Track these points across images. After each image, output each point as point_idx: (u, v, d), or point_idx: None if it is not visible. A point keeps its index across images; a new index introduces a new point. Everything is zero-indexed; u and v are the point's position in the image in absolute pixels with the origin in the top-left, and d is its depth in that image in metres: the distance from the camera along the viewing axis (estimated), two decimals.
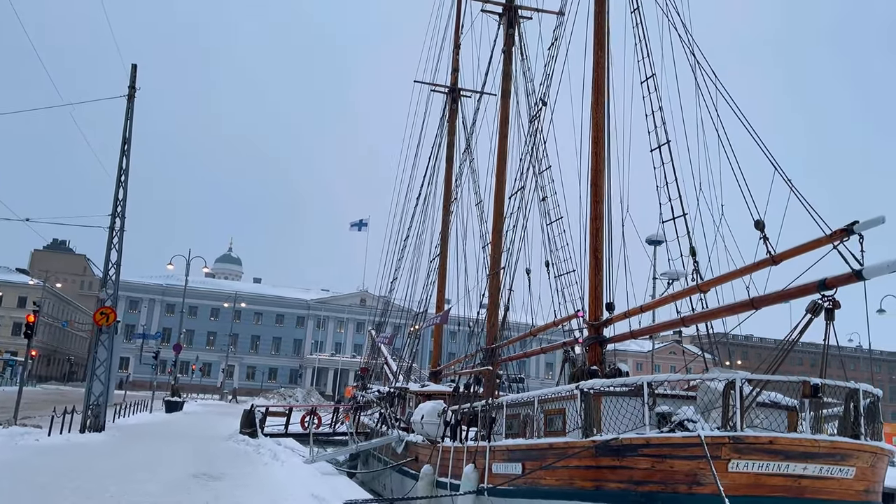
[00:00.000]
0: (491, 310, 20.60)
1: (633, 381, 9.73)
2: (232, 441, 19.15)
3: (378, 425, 20.53)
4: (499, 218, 21.63)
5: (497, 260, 21.17)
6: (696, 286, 11.34)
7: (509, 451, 11.52)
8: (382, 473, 18.66)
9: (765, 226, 9.99)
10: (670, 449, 8.85)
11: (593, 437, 9.73)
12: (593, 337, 14.19)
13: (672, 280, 15.20)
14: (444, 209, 28.35)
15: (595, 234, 14.70)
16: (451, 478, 13.58)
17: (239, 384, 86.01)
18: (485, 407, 13.04)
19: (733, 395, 9.07)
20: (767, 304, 9.62)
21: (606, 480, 9.42)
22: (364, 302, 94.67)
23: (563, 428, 11.26)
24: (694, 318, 11.51)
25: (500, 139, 21.98)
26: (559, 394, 10.90)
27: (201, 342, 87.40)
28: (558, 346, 16.19)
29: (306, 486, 10.70)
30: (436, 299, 26.25)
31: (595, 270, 14.59)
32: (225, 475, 11.79)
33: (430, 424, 15.34)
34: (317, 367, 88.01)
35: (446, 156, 28.76)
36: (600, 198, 14.92)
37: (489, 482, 11.98)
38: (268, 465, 13.75)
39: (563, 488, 10.03)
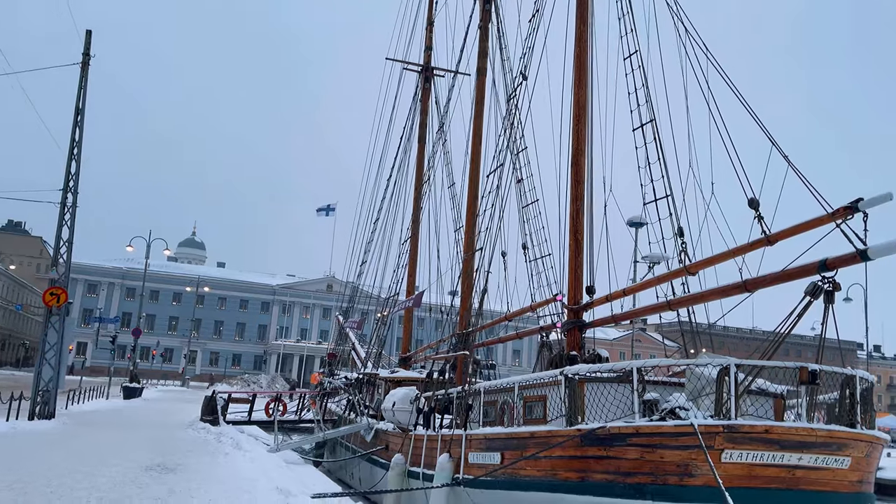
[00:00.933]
0: (464, 293, 20.02)
1: (621, 367, 9.18)
2: (192, 429, 18.21)
3: (346, 413, 19.81)
4: (474, 200, 21.01)
5: (471, 242, 20.56)
6: (683, 268, 10.82)
7: (487, 440, 10.92)
8: (350, 462, 17.97)
9: (759, 205, 9.50)
10: (661, 438, 8.34)
11: (578, 426, 9.19)
12: (572, 321, 13.67)
13: (654, 263, 14.71)
14: (416, 191, 27.59)
15: (575, 214, 14.16)
16: (423, 468, 12.96)
17: (202, 370, 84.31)
18: (461, 393, 12.42)
19: (727, 381, 8.63)
20: (762, 286, 9.14)
21: (592, 471, 8.88)
22: (331, 288, 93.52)
23: (543, 416, 10.72)
24: (681, 302, 11.02)
25: (476, 118, 21.28)
26: (541, 380, 10.31)
27: (163, 327, 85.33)
28: (535, 330, 15.66)
29: (270, 478, 9.94)
30: (406, 284, 25.56)
31: (575, 252, 14.06)
32: (181, 466, 10.93)
33: (401, 412, 14.68)
34: (282, 353, 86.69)
35: (418, 136, 27.97)
36: (581, 178, 14.38)
37: (465, 472, 11.39)
38: (229, 454, 12.91)
39: (546, 479, 9.48)
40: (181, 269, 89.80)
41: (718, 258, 10.12)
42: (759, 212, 9.43)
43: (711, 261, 10.27)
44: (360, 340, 31.50)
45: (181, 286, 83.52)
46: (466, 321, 19.27)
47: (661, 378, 10.51)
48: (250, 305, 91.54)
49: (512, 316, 16.63)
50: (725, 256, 9.92)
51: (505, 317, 16.98)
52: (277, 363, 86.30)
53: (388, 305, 22.94)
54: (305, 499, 8.43)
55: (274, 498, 8.35)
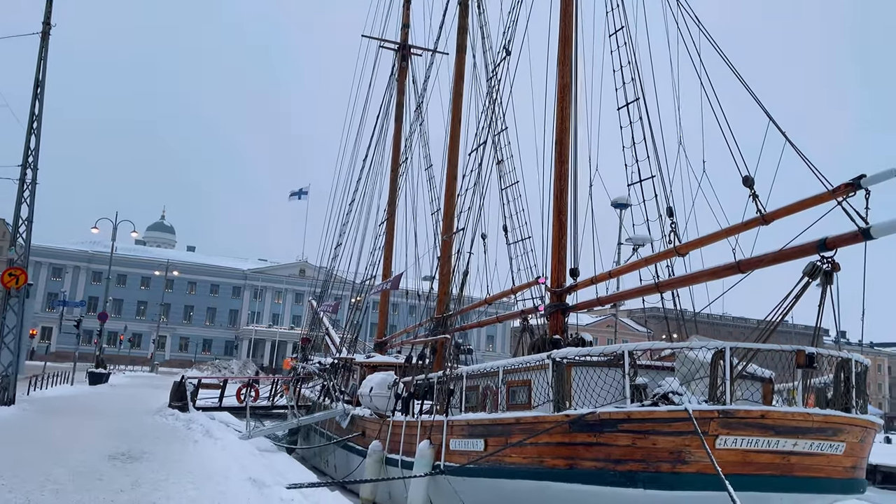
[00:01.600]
0: (443, 276, 19.60)
1: (612, 350, 8.82)
2: (159, 416, 17.50)
3: (321, 398, 19.30)
4: (452, 181, 20.54)
5: (450, 225, 20.11)
6: (673, 249, 10.50)
7: (470, 426, 10.53)
8: (325, 449, 17.51)
9: (754, 182, 9.18)
10: (653, 424, 8.02)
11: (567, 412, 8.83)
12: (556, 304, 13.33)
13: (638, 246, 14.43)
14: (392, 173, 27.02)
15: (559, 195, 13.78)
16: (402, 455, 12.54)
17: (171, 356, 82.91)
18: (442, 378, 12.00)
19: (721, 365, 8.33)
20: (756, 266, 8.84)
21: (581, 458, 8.54)
22: (303, 273, 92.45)
23: (528, 401, 10.35)
24: (671, 284, 10.70)
25: (455, 97, 20.76)
26: (527, 364, 9.93)
27: (131, 312, 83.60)
28: (516, 314, 15.32)
29: (243, 467, 9.40)
30: (382, 267, 25.05)
31: (558, 234, 13.69)
32: (148, 455, 10.32)
33: (379, 397, 14.24)
34: (253, 338, 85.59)
35: (395, 116, 27.34)
36: (565, 157, 14.00)
37: (447, 460, 11.00)
38: (199, 442, 12.32)
39: (532, 467, 9.12)
40: (150, 253, 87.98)
41: (710, 238, 9.80)
42: (754, 190, 9.12)
43: (703, 241, 9.95)
44: (333, 325, 30.95)
45: (150, 270, 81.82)
46: (445, 305, 18.89)
47: (650, 362, 10.21)
48: (221, 290, 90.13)
49: (493, 299, 16.24)
50: (718, 236, 9.60)
51: (485, 300, 16.58)
52: (249, 349, 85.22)
53: (365, 289, 22.40)
54: (280, 489, 7.95)
55: (247, 489, 7.85)
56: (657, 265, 11.76)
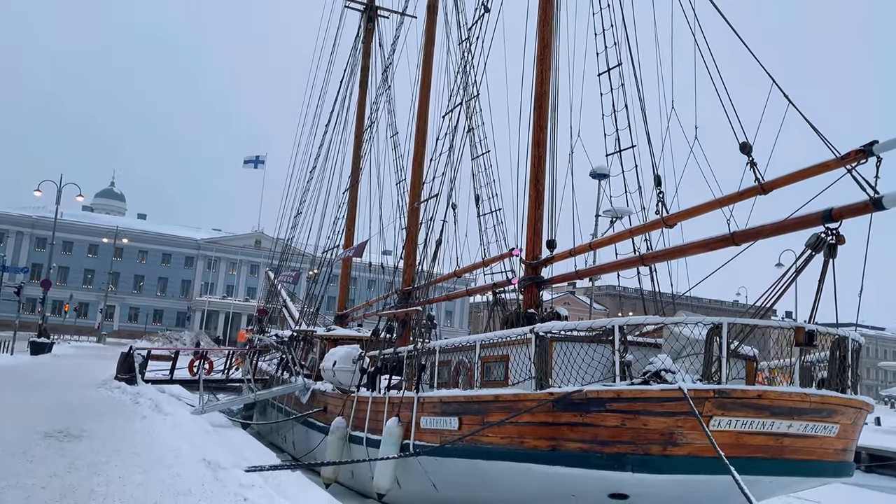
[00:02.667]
0: (409, 247, 18.84)
1: (601, 325, 8.24)
2: (105, 389, 16.35)
3: (279, 372, 18.44)
4: (421, 147, 19.69)
5: (418, 194, 19.32)
6: (660, 220, 9.93)
7: (443, 404, 9.89)
8: (284, 425, 16.72)
9: (752, 149, 8.64)
10: (645, 404, 7.50)
11: (551, 389, 8.25)
12: (531, 278, 12.73)
13: (615, 218, 13.91)
14: (356, 139, 25.98)
15: (537, 162, 13.12)
16: (368, 432, 11.87)
17: (120, 326, 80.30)
18: (413, 352, 11.30)
19: (717, 342, 7.85)
20: (753, 238, 8.33)
21: (565, 440, 7.99)
22: (259, 244, 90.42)
23: (505, 378, 9.76)
24: (656, 256, 10.16)
25: (425, 60, 19.82)
26: (507, 338, 9.30)
27: (77, 281, 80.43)
28: (487, 287, 14.69)
29: (195, 446, 8.54)
30: (344, 238, 24.09)
31: (535, 204, 13.05)
32: (89, 433, 9.33)
33: (343, 372, 13.49)
34: (207, 309, 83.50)
35: (360, 81, 26.21)
36: (544, 123, 13.32)
37: (416, 438, 10.35)
38: (147, 418, 11.35)
39: (511, 448, 8.54)
40: (98, 220, 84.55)
41: (702, 208, 9.25)
42: (752, 157, 8.58)
43: (694, 211, 9.40)
44: (291, 298, 29.93)
45: (98, 238, 78.75)
46: (413, 276, 18.15)
47: (634, 338, 9.66)
48: (173, 260, 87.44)
49: (464, 271, 15.59)
50: (710, 206, 9.05)
51: (455, 272, 15.92)
52: (202, 320, 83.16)
53: (325, 260, 21.46)
54: (238, 473, 7.14)
55: (201, 472, 7.01)
56: (647, 237, 11.26)
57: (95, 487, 6.32)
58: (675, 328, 8.58)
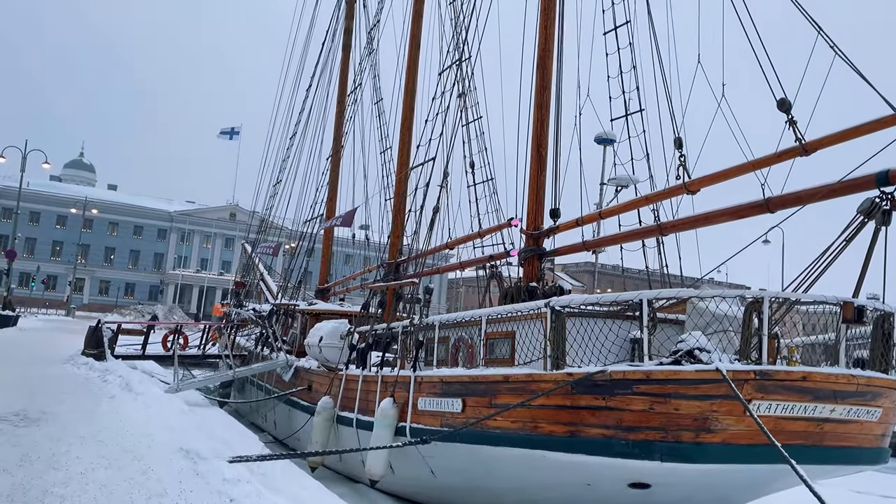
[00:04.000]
0: (397, 218, 17.88)
1: (627, 298, 7.43)
2: (70, 364, 15.23)
3: (259, 348, 17.48)
4: (409, 112, 18.64)
5: (406, 161, 18.34)
6: (682, 185, 9.12)
7: (444, 384, 9.05)
8: (264, 404, 15.81)
9: (791, 106, 7.83)
10: (677, 386, 6.73)
11: (569, 370, 7.45)
12: (532, 249, 11.90)
13: (621, 187, 13.14)
14: (339, 105, 24.81)
15: (539, 125, 12.23)
16: (358, 413, 11.02)
17: (90, 299, 78.29)
18: (409, 328, 10.42)
19: (756, 318, 7.10)
20: (794, 205, 7.56)
21: (585, 425, 7.21)
22: (234, 216, 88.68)
23: (511, 356, 8.94)
24: (677, 226, 9.35)
25: (414, 17, 18.69)
26: (517, 313, 8.46)
27: (45, 252, 78.07)
28: (482, 259, 13.82)
29: (171, 431, 7.59)
30: (326, 209, 23.03)
31: (537, 170, 12.18)
32: (49, 416, 8.28)
33: (330, 348, 12.59)
34: (180, 283, 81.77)
35: (343, 43, 24.95)
36: (548, 83, 12.41)
37: (413, 421, 9.53)
38: (116, 398, 10.33)
39: (522, 433, 7.74)
40: (67, 190, 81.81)
41: (731, 172, 8.44)
42: (792, 115, 7.77)
43: (721, 176, 8.59)
44: (268, 271, 28.86)
45: (66, 208, 76.23)
46: (400, 248, 17.24)
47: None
48: (145, 232, 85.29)
49: (456, 243, 14.68)
50: (741, 170, 8.24)
51: (446, 244, 15.01)
52: (175, 294, 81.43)
53: (308, 229, 20.40)
54: (221, 464, 6.20)
55: (178, 464, 6.03)
56: (654, 207, 10.48)
57: (51, 487, 5.27)
58: (700, 303, 7.81)
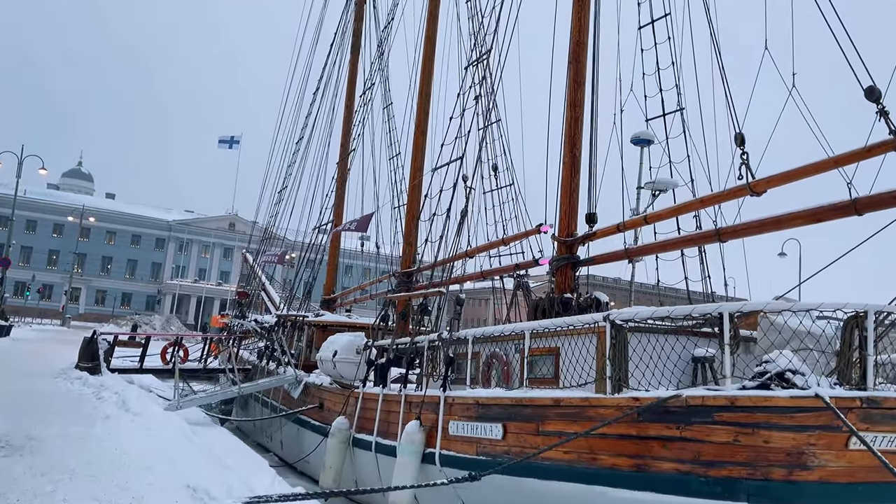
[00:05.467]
0: (408, 224, 16.98)
1: (706, 310, 6.46)
2: (63, 379, 14.18)
3: (264, 362, 16.47)
4: (424, 116, 17.76)
5: (419, 166, 17.46)
6: (745, 186, 8.18)
7: (480, 406, 8.07)
8: (270, 422, 14.78)
9: (882, 95, 6.92)
10: (767, 415, 5.76)
11: (634, 394, 6.48)
12: (565, 257, 10.96)
13: (658, 192, 12.21)
14: (346, 111, 23.96)
15: (573, 124, 11.33)
16: (377, 436, 10.02)
17: (86, 309, 77.10)
18: (435, 342, 9.45)
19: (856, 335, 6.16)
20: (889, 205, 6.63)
21: (655, 458, 6.23)
22: (233, 226, 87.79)
23: (555, 376, 7.98)
24: (739, 231, 8.38)
25: (429, 17, 17.86)
26: (571, 327, 7.49)
27: (41, 261, 76.90)
28: (508, 268, 12.88)
29: (172, 462, 6.56)
30: (333, 215, 22.09)
31: (570, 172, 11.27)
32: (34, 444, 7.20)
33: (345, 363, 11.61)
34: (178, 293, 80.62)
35: (352, 45, 24.13)
36: (581, 79, 11.55)
37: (444, 447, 8.54)
38: (111, 418, 9.27)
39: (578, 466, 6.76)
40: (64, 199, 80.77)
41: (807, 170, 7.49)
42: (883, 104, 6.86)
43: (794, 175, 7.63)
44: (269, 281, 27.92)
45: (63, 217, 75.15)
46: (410, 258, 16.33)
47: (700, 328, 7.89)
48: (143, 241, 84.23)
49: (480, 250, 13.72)
50: (820, 167, 7.29)
51: (466, 252, 14.06)
52: (173, 304, 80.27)
53: (317, 236, 19.44)
54: None
55: None
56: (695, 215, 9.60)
57: None
58: (778, 318, 6.86)
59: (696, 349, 7.56)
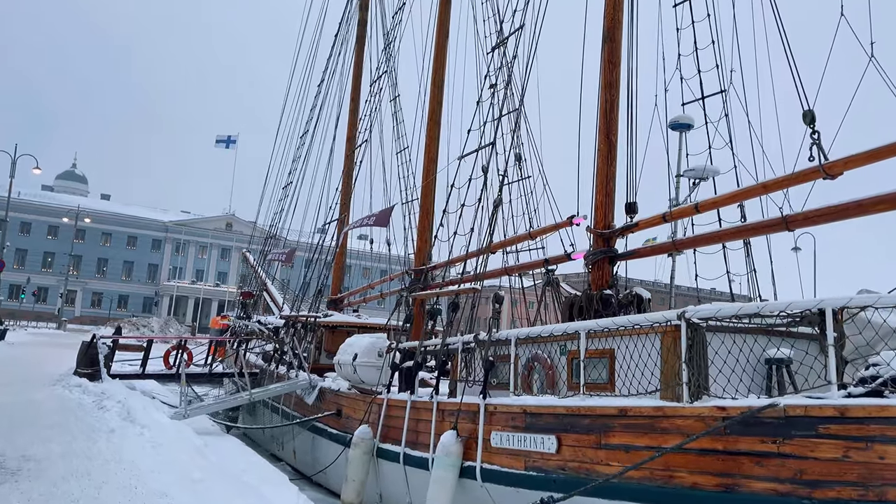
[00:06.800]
0: (423, 219, 16.13)
1: (805, 305, 5.64)
2: (62, 386, 13.30)
3: (274, 365, 15.63)
4: (437, 106, 16.92)
5: (433, 158, 16.61)
6: (818, 167, 7.38)
7: (529, 416, 7.25)
8: (281, 430, 13.93)
9: None
10: (883, 427, 4.96)
11: (719, 403, 5.69)
12: (603, 251, 10.15)
13: (698, 180, 11.43)
14: (352, 103, 23.11)
15: (609, 107, 10.53)
16: (406, 446, 9.20)
17: (83, 312, 76.02)
18: (471, 344, 8.62)
19: None
20: None
21: (747, 477, 5.43)
22: (231, 226, 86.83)
23: (610, 381, 7.19)
24: (811, 218, 7.56)
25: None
26: (635, 326, 6.68)
27: (36, 264, 75.77)
28: (537, 263, 12.04)
29: (193, 492, 5.73)
30: (339, 212, 21.24)
31: (607, 159, 10.47)
32: (32, 464, 6.34)
33: (366, 367, 10.78)
34: (175, 295, 79.57)
35: (357, 35, 23.27)
36: (617, 59, 10.75)
37: (486, 461, 7.72)
38: (115, 432, 8.42)
39: (651, 485, 5.95)
40: (58, 200, 79.59)
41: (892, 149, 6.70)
42: None
43: (879, 154, 6.84)
44: (272, 281, 27.06)
45: (58, 218, 74.04)
46: (423, 256, 15.49)
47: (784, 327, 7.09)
48: (139, 243, 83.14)
49: (501, 245, 12.91)
50: None
51: (487, 247, 13.25)
52: (170, 306, 79.23)
53: (328, 232, 18.58)
54: None
55: None
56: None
57: None
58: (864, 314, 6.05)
59: (769, 350, 6.80)
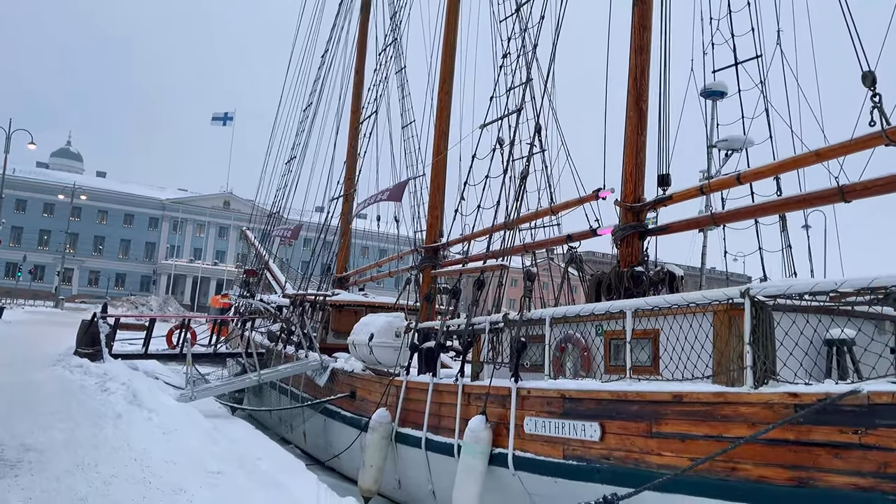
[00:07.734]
0: (434, 195, 15.52)
1: (882, 283, 5.11)
2: (62, 367, 12.77)
3: (280, 345, 15.13)
4: (448, 75, 16.22)
5: (444, 130, 15.98)
6: (880, 132, 6.81)
7: (568, 401, 6.75)
8: (291, 412, 13.47)
9: None
10: None
11: (791, 389, 5.18)
12: (631, 225, 9.59)
13: (730, 152, 10.84)
14: (357, 75, 22.41)
15: (639, 73, 9.90)
16: (427, 431, 8.71)
17: (80, 290, 75.47)
18: (499, 323, 8.10)
19: None
20: None
21: (823, 470, 4.93)
22: (228, 205, 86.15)
23: (654, 364, 6.69)
24: (870, 188, 6.99)
25: None
26: (683, 304, 6.16)
27: (32, 242, 75.09)
28: (560, 240, 11.49)
29: (212, 486, 5.21)
30: (344, 189, 20.63)
31: (637, 129, 9.87)
32: (34, 455, 5.80)
33: (383, 348, 10.27)
34: (173, 273, 79.06)
35: (361, 3, 22.50)
36: (647, 22, 10.12)
37: (518, 448, 7.24)
38: (122, 417, 7.91)
39: (709, 478, 5.47)
40: (53, 177, 78.62)
41: None
42: None
43: None
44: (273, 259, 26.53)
45: (53, 196, 73.15)
46: (434, 233, 14.93)
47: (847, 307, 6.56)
48: (136, 220, 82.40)
49: (519, 221, 12.34)
50: None
51: (504, 224, 12.70)
52: (168, 284, 78.76)
53: (335, 208, 17.99)
54: None
55: None
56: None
57: None
58: None
59: (832, 330, 6.29)
